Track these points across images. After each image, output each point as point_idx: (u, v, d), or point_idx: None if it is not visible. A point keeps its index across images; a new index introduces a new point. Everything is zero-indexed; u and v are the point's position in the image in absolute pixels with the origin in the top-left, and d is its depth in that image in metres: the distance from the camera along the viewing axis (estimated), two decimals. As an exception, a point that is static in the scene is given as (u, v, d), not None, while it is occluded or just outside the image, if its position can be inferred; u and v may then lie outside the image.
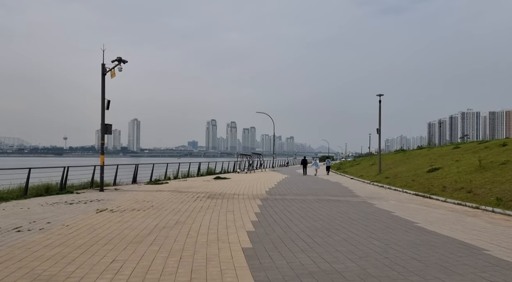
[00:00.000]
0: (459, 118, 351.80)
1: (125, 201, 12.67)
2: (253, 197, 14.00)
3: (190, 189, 17.31)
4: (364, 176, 23.59)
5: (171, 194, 14.85)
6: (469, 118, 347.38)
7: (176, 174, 26.41)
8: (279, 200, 12.84)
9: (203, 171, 30.66)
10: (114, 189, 17.20)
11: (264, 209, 10.63)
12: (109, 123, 16.53)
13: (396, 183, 17.59)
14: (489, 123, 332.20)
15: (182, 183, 21.27)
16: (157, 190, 16.89)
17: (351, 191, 16.49)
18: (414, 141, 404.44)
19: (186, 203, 12.21)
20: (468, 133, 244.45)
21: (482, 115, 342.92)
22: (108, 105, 16.25)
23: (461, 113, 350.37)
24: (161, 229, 7.71)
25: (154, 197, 13.93)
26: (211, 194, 15.11)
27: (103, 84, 16.19)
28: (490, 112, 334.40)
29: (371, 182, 20.08)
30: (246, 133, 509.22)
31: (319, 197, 13.99)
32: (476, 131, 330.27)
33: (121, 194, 14.88)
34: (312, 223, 8.41)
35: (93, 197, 13.76)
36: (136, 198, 13.58)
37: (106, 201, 12.52)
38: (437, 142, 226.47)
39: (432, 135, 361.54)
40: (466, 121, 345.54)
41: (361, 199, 13.26)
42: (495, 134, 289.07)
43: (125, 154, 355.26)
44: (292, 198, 13.48)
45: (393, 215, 9.48)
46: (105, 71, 16.02)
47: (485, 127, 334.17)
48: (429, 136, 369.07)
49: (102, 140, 16.43)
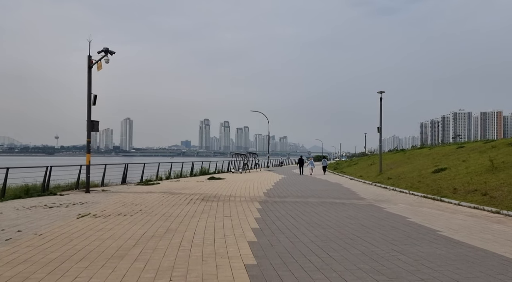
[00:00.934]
0: (451, 119, 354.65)
1: (111, 204, 11.57)
2: (250, 199, 12.99)
3: (183, 190, 16.25)
4: (364, 177, 22.72)
5: (162, 196, 13.78)
6: (461, 119, 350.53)
7: (168, 174, 25.29)
8: (280, 203, 11.85)
9: (196, 171, 29.57)
10: (101, 190, 16.07)
11: (265, 214, 9.63)
12: (95, 120, 15.39)
13: (401, 184, 16.71)
14: (481, 124, 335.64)
15: (174, 183, 20.19)
16: (148, 191, 15.80)
17: (354, 192, 15.57)
18: (406, 141, 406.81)
19: (179, 206, 11.16)
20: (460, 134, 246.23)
21: (473, 116, 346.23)
22: (94, 101, 15.12)
23: (453, 114, 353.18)
24: (149, 239, 6.67)
25: (143, 199, 12.85)
26: (205, 196, 14.08)
27: (89, 78, 15.05)
28: (481, 113, 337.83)
29: (373, 182, 19.20)
30: (240, 133, 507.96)
31: (322, 199, 13.03)
32: (468, 131, 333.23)
33: (108, 196, 13.77)
34: (322, 231, 7.42)
35: (77, 199, 12.64)
36: (124, 200, 12.49)
37: (91, 204, 11.41)
38: (430, 142, 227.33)
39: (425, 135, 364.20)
40: (458, 122, 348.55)
41: (367, 202, 12.32)
42: (486, 135, 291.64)
43: (117, 153, 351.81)
44: (293, 201, 12.50)
45: (410, 221, 8.53)
46: (91, 64, 14.88)
47: (476, 128, 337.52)
48: (422, 136, 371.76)
49: (88, 138, 15.29)
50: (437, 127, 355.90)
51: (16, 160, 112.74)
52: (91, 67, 14.97)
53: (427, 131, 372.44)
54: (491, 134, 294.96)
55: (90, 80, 15.11)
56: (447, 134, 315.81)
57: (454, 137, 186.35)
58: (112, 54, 14.25)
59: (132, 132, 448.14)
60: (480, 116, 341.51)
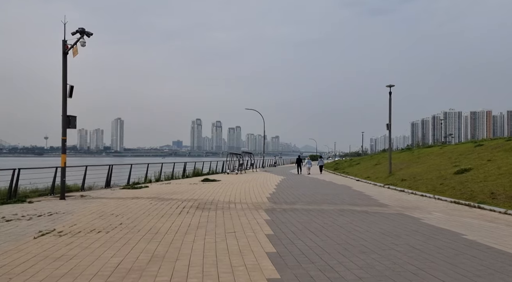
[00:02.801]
0: (442, 118, 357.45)
1: (86, 215, 9.50)
2: (254, 206, 11.02)
3: (174, 195, 14.22)
4: (372, 178, 20.91)
5: (150, 203, 11.74)
6: (451, 118, 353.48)
7: (159, 176, 23.19)
8: (290, 212, 9.91)
9: (189, 172, 27.49)
10: (79, 196, 13.95)
11: (277, 228, 7.67)
12: (72, 115, 13.27)
13: (420, 187, 14.89)
14: (471, 123, 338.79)
15: (164, 186, 18.12)
16: (133, 196, 13.73)
17: (369, 196, 13.69)
18: (397, 140, 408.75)
19: (169, 217, 9.15)
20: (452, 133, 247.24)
21: (463, 115, 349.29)
22: (71, 93, 13.00)
23: (444, 113, 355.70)
24: (124, 277, 4.66)
25: (127, 207, 10.79)
26: (200, 202, 12.07)
27: (64, 66, 12.92)
28: (471, 112, 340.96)
29: (385, 185, 17.37)
30: (232, 133, 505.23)
31: (338, 206, 11.11)
32: (458, 130, 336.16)
33: (85, 204, 11.67)
34: (364, 258, 5.48)
35: (46, 209, 10.54)
36: (103, 209, 10.42)
37: (61, 216, 9.32)
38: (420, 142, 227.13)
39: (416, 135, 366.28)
40: (449, 121, 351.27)
41: (394, 210, 10.44)
42: (476, 134, 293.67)
43: (108, 154, 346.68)
44: (305, 209, 10.56)
45: (469, 241, 6.64)
46: (66, 49, 12.76)
47: (466, 127, 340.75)
48: (413, 136, 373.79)
49: (64, 135, 13.15)
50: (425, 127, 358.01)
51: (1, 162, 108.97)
52: (66, 54, 12.85)
53: (418, 130, 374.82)
54: (480, 134, 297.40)
55: (65, 68, 12.98)
56: (438, 133, 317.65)
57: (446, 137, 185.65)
58: (89, 35, 12.12)
59: (123, 133, 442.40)
60: (470, 116, 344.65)
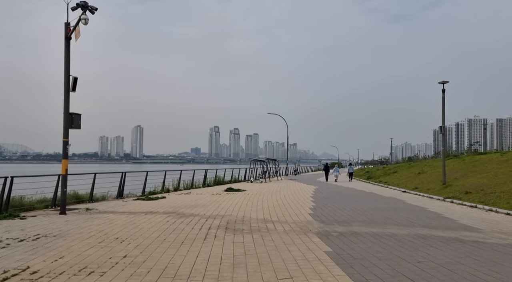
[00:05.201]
0: (466, 125, 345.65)
1: (83, 239, 7.19)
2: (299, 227, 8.50)
3: (196, 208, 11.84)
4: (422, 189, 18.02)
5: (167, 221, 9.38)
6: (476, 125, 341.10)
7: (177, 185, 20.92)
8: (352, 238, 7.35)
9: (209, 180, 25.15)
10: (85, 209, 11.73)
11: (354, 272, 5.13)
12: (76, 113, 11.12)
13: (498, 202, 12.00)
14: (497, 131, 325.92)
15: (184, 197, 15.79)
16: (147, 210, 11.42)
17: (438, 214, 10.93)
18: (419, 148, 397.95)
19: (191, 244, 6.74)
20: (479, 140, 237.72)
21: (489, 123, 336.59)
22: (74, 86, 10.86)
23: (468, 120, 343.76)
24: None
25: (137, 227, 8.45)
26: (229, 220, 9.63)
27: (67, 53, 10.82)
28: (497, 119, 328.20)
29: (445, 198, 14.51)
30: (249, 140, 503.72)
31: (410, 228, 8.45)
32: (483, 138, 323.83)
33: (87, 221, 9.40)
34: None
35: (37, 228, 8.31)
36: (107, 230, 8.10)
37: (49, 240, 7.05)
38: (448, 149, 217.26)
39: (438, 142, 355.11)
40: (473, 129, 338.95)
41: (496, 237, 7.69)
42: (503, 142, 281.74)
43: (128, 161, 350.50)
44: (369, 232, 7.96)
45: None
46: (69, 33, 10.66)
47: (492, 135, 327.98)
48: (435, 143, 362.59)
49: (65, 137, 10.99)
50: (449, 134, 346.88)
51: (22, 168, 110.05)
52: (69, 38, 10.75)
53: (440, 138, 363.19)
54: (507, 142, 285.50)
55: (68, 56, 10.87)
56: (462, 141, 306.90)
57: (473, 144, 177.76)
58: (93, 11, 9.95)
59: (143, 140, 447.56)
60: (496, 123, 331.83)
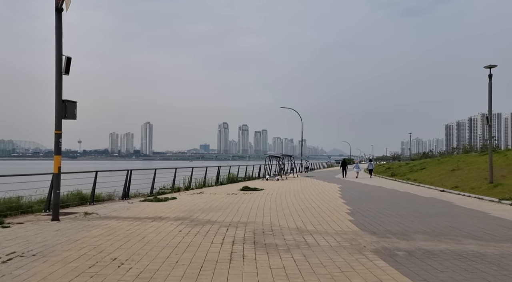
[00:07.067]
0: (479, 120, 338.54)
1: (69, 260, 5.42)
2: (348, 242, 6.62)
3: (212, 213, 10.03)
4: (464, 188, 15.94)
5: (179, 230, 7.59)
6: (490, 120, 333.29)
7: (188, 183, 19.19)
8: (425, 259, 5.47)
9: (222, 178, 23.37)
10: (83, 214, 10.01)
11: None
12: (70, 100, 9.37)
13: None
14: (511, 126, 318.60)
15: (197, 198, 14.02)
16: (155, 215, 9.66)
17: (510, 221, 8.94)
18: (430, 143, 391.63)
19: (213, 269, 4.94)
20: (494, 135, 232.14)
21: (503, 117, 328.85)
22: (67, 67, 9.10)
23: (481, 115, 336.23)
24: None
25: (142, 241, 6.67)
26: (254, 229, 7.80)
27: (58, 28, 9.06)
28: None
29: (500, 199, 12.46)
30: (258, 136, 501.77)
31: (494, 244, 6.50)
32: (497, 133, 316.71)
33: (81, 231, 7.65)
34: None
35: (18, 241, 6.59)
36: (103, 246, 6.32)
37: (25, 262, 5.29)
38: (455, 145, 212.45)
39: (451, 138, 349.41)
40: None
41: None
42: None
43: (137, 157, 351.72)
44: (442, 250, 6.06)
45: None
46: (59, 4, 8.88)
47: (507, 130, 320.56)
48: (447, 139, 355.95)
49: (58, 129, 9.23)
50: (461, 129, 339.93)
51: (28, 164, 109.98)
52: (60, 10, 8.98)
53: (453, 133, 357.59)
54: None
55: (60, 32, 9.11)
56: (474, 136, 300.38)
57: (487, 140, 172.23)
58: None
59: (152, 136, 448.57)
60: (510, 117, 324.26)
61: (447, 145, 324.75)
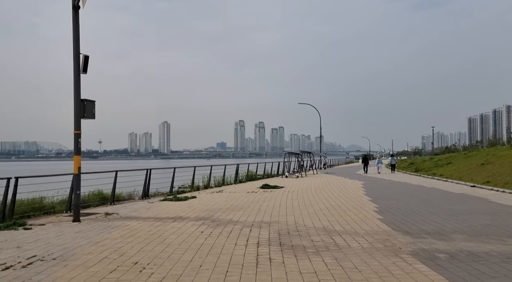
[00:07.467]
0: (504, 112, 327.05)
1: (89, 265, 5.21)
2: (381, 243, 6.20)
3: (233, 212, 9.74)
4: (496, 183, 15.13)
5: (200, 231, 7.32)
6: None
7: (207, 182, 19.00)
8: (471, 262, 5.03)
9: (241, 176, 23.09)
10: (104, 215, 9.88)
11: None
12: (89, 99, 9.23)
13: None
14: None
15: (217, 197, 13.77)
16: (176, 215, 9.43)
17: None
18: (452, 137, 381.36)
19: (239, 274, 4.60)
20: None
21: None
22: (85, 66, 8.94)
23: (506, 107, 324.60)
24: None
25: (163, 243, 6.42)
26: (279, 229, 7.46)
27: (75, 25, 8.91)
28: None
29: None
30: (275, 133, 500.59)
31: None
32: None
33: (102, 233, 7.47)
34: None
35: (39, 244, 6.45)
36: (124, 249, 6.10)
37: (45, 267, 5.11)
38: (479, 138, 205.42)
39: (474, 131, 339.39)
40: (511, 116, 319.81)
41: None
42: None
43: (156, 156, 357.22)
44: (487, 251, 5.58)
45: None
46: (76, 0, 8.72)
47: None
48: (470, 132, 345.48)
49: (77, 129, 9.12)
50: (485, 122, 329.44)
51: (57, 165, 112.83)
52: (77, 8, 8.82)
53: (476, 127, 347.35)
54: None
55: (77, 30, 8.95)
56: (500, 129, 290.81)
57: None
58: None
59: (170, 136, 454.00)
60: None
61: (470, 139, 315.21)
